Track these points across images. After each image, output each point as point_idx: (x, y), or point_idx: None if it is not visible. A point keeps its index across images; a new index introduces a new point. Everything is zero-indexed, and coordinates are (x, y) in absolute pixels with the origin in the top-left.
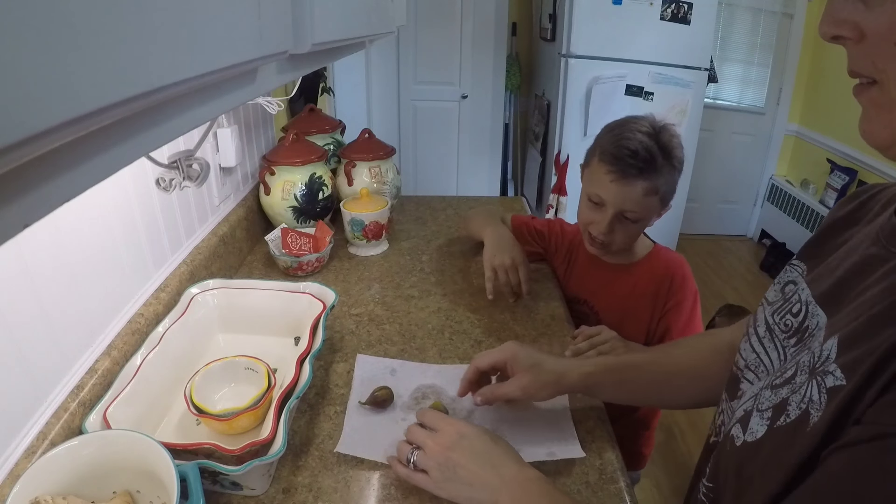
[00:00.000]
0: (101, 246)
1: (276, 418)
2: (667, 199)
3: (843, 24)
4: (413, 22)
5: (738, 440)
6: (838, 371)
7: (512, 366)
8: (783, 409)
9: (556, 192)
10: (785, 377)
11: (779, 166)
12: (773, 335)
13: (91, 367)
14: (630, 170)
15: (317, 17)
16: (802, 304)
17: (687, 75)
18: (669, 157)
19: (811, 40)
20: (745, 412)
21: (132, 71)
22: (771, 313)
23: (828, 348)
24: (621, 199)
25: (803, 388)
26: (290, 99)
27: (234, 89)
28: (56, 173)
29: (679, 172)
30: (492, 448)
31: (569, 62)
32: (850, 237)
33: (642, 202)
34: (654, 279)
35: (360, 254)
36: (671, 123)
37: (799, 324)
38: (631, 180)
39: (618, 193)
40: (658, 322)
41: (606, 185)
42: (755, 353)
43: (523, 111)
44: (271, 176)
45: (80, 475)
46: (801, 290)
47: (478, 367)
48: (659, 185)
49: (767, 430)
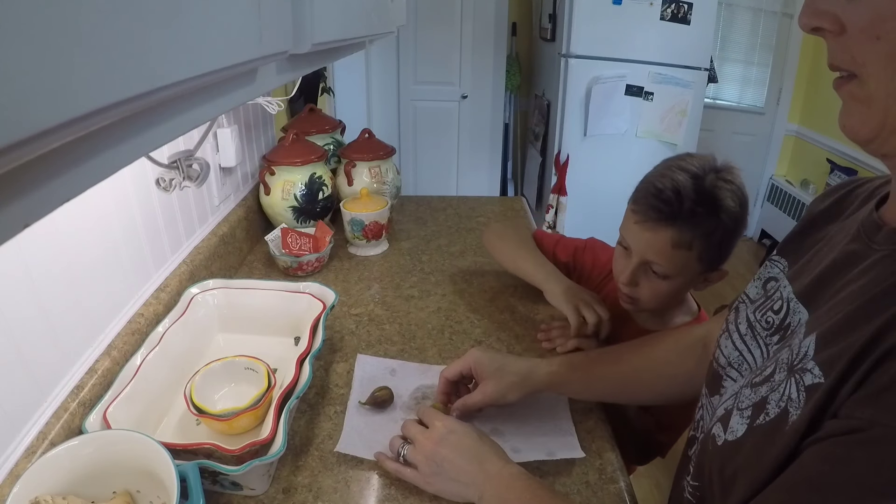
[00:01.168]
0: (102, 246)
1: (276, 418)
2: (708, 258)
3: (823, 16)
4: (413, 22)
5: (719, 439)
6: (816, 368)
7: (478, 372)
8: (762, 408)
9: (556, 192)
10: (764, 375)
11: (779, 166)
12: (756, 333)
13: (91, 367)
14: (652, 212)
15: (317, 17)
16: (784, 302)
17: (687, 75)
18: (712, 205)
19: (811, 40)
20: (726, 411)
21: (132, 71)
22: (753, 310)
23: (806, 345)
24: (644, 247)
25: (782, 386)
26: (290, 99)
27: (234, 89)
28: (56, 173)
29: (733, 231)
30: (478, 444)
31: (569, 62)
32: (829, 232)
33: (670, 255)
34: None
35: (360, 254)
36: (734, 167)
37: (780, 321)
38: (654, 226)
39: (641, 239)
40: None
41: (631, 227)
42: (738, 350)
43: (523, 111)
44: (271, 176)
45: (80, 475)
46: (783, 287)
47: (447, 379)
48: (693, 239)
49: (747, 429)
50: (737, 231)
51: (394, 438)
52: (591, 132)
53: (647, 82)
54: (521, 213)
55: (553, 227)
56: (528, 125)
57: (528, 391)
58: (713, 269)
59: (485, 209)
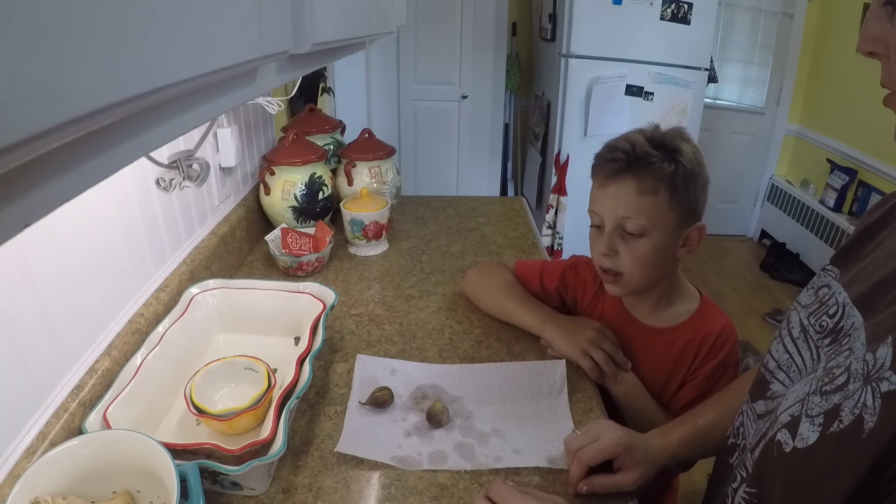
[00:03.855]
0: (101, 246)
1: (276, 418)
2: (678, 207)
3: (876, 42)
4: (413, 22)
5: (786, 446)
6: (894, 377)
7: (625, 459)
8: (836, 415)
9: (556, 193)
10: (836, 384)
11: (779, 166)
12: (808, 336)
13: (91, 367)
14: (611, 165)
15: (317, 17)
16: (839, 306)
17: (687, 75)
18: (667, 150)
19: (811, 40)
20: (792, 417)
21: (132, 71)
22: (806, 315)
23: (882, 356)
24: (612, 205)
25: (857, 394)
26: (290, 99)
27: (234, 89)
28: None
29: (696, 174)
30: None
31: (569, 62)
32: (883, 240)
33: (638, 204)
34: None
35: (360, 254)
36: (682, 128)
37: (834, 324)
38: (616, 179)
39: (607, 199)
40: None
41: (595, 195)
42: (787, 353)
43: (523, 111)
44: (271, 176)
45: (80, 475)
46: (838, 292)
47: (588, 465)
48: (656, 183)
49: (819, 436)
50: (700, 175)
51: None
52: (591, 132)
53: (647, 82)
54: (521, 213)
55: (553, 227)
56: (528, 125)
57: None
58: (687, 222)
59: (485, 209)
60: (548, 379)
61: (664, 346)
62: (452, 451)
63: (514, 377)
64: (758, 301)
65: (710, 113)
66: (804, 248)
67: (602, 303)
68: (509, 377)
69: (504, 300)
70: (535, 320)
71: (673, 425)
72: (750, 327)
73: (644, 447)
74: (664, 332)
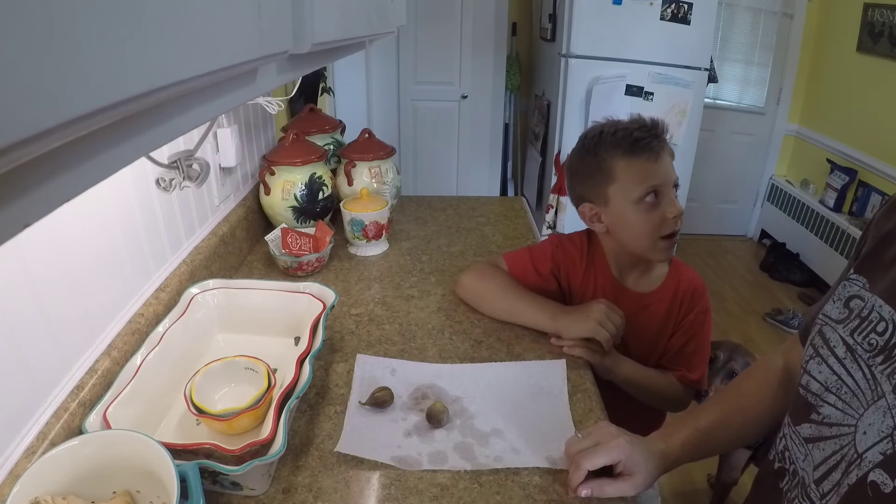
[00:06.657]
0: (101, 246)
1: (276, 418)
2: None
3: None
4: (413, 22)
5: (885, 487)
6: None
7: (627, 466)
8: None
9: (556, 192)
10: None
11: (779, 166)
12: (856, 355)
13: (91, 367)
14: (655, 141)
15: (317, 17)
16: (888, 323)
17: (687, 75)
18: (661, 127)
19: (811, 40)
20: (886, 455)
21: (132, 71)
22: (849, 333)
23: None
24: (667, 171)
25: None
26: (290, 99)
27: (234, 89)
28: (56, 173)
29: None
30: None
31: (569, 62)
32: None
33: (673, 167)
34: (677, 298)
35: (360, 254)
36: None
37: (885, 342)
38: (664, 150)
39: (663, 167)
40: (669, 339)
41: (650, 169)
42: (835, 374)
43: (523, 111)
44: (271, 176)
45: (80, 475)
46: (878, 305)
47: (588, 469)
48: (671, 149)
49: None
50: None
51: None
52: None
53: (648, 82)
54: (521, 213)
55: (553, 227)
56: (528, 125)
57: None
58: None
59: (485, 209)
60: (548, 379)
61: (653, 308)
62: (452, 451)
63: (514, 377)
64: (758, 301)
65: (710, 113)
66: (804, 248)
67: (594, 277)
68: (509, 377)
69: (510, 302)
70: (544, 315)
71: (674, 428)
72: (750, 327)
73: (646, 453)
74: (650, 295)
